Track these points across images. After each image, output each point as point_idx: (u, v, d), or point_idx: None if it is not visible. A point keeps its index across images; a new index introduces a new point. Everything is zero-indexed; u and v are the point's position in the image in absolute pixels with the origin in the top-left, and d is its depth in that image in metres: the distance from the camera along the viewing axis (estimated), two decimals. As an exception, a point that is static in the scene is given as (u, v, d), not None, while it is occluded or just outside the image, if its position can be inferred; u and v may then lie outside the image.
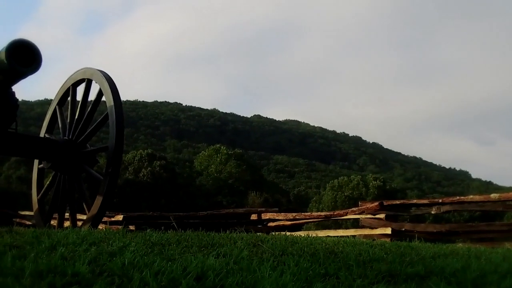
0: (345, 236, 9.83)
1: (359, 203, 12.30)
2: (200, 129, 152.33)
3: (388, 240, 8.96)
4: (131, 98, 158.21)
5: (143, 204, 53.74)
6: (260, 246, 4.34)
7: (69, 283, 2.83)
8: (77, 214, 8.45)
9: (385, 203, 11.32)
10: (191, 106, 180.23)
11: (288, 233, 7.37)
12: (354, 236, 10.19)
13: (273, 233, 8.69)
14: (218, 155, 77.10)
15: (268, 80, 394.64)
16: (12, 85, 7.54)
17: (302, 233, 8.32)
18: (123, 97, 7.69)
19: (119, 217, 12.37)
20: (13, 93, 7.72)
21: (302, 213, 13.66)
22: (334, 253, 4.30)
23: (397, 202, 11.92)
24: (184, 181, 68.72)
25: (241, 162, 76.61)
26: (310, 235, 6.20)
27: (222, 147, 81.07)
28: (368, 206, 11.59)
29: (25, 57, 6.89)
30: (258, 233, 6.23)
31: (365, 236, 10.55)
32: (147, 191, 59.86)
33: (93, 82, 7.97)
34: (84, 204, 7.79)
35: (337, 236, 9.10)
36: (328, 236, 9.67)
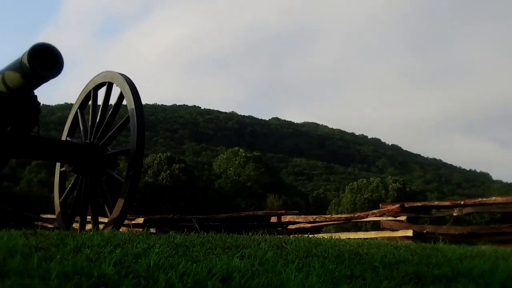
0: (367, 238, 9.75)
1: (380, 205, 12.18)
2: (219, 132, 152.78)
3: (410, 242, 8.88)
4: (150, 102, 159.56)
5: (163, 207, 53.97)
6: (284, 248, 4.32)
7: (96, 284, 2.83)
8: (98, 217, 8.48)
9: (406, 205, 11.21)
10: (210, 109, 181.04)
11: (310, 236, 7.32)
12: (376, 239, 10.11)
13: (295, 235, 8.65)
14: (237, 158, 77.24)
15: (286, 83, 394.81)
16: (34, 88, 7.57)
17: (325, 235, 8.26)
18: (142, 101, 7.69)
19: (140, 220, 12.41)
20: (35, 97, 7.76)
21: (322, 216, 13.59)
22: (359, 255, 4.26)
23: (419, 204, 11.79)
24: (203, 184, 68.92)
25: (260, 165, 76.67)
26: (333, 237, 6.13)
27: (240, 150, 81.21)
28: (389, 208, 11.48)
29: (47, 61, 6.92)
30: (281, 235, 6.19)
31: (387, 238, 10.46)
32: (166, 194, 60.13)
33: (114, 85, 8.00)
34: (105, 206, 7.81)
35: (359, 239, 9.02)
36: (349, 238, 9.60)
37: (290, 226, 12.82)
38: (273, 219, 13.18)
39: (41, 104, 8.02)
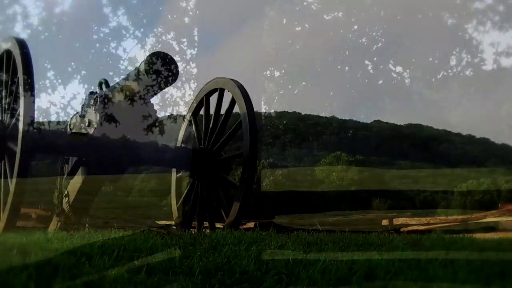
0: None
1: (499, 205, 11.67)
2: (320, 137, 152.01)
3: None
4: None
5: (266, 213, 54.24)
6: (420, 245, 4.15)
7: (239, 280, 2.83)
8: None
9: (527, 205, 10.68)
10: (309, 114, 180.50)
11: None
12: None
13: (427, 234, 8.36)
14: (339, 162, 76.28)
15: (386, 85, 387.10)
16: (152, 97, 7.80)
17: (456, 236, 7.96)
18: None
19: (251, 224, 12.49)
20: (153, 105, 7.99)
21: (437, 217, 13.17)
22: (503, 252, 4.01)
23: (541, 203, 11.20)
24: (306, 189, 68.58)
25: (363, 169, 75.26)
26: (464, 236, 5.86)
27: (342, 154, 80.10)
28: (509, 208, 10.99)
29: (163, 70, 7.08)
30: (411, 234, 5.99)
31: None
32: (269, 200, 60.41)
33: (226, 91, 8.09)
34: (222, 210, 7.89)
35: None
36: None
37: (403, 229, 12.46)
38: (385, 222, 12.87)
39: (157, 112, 8.25)
